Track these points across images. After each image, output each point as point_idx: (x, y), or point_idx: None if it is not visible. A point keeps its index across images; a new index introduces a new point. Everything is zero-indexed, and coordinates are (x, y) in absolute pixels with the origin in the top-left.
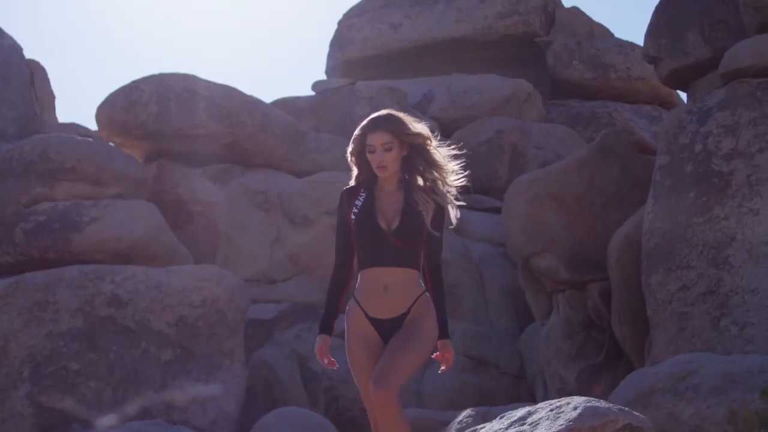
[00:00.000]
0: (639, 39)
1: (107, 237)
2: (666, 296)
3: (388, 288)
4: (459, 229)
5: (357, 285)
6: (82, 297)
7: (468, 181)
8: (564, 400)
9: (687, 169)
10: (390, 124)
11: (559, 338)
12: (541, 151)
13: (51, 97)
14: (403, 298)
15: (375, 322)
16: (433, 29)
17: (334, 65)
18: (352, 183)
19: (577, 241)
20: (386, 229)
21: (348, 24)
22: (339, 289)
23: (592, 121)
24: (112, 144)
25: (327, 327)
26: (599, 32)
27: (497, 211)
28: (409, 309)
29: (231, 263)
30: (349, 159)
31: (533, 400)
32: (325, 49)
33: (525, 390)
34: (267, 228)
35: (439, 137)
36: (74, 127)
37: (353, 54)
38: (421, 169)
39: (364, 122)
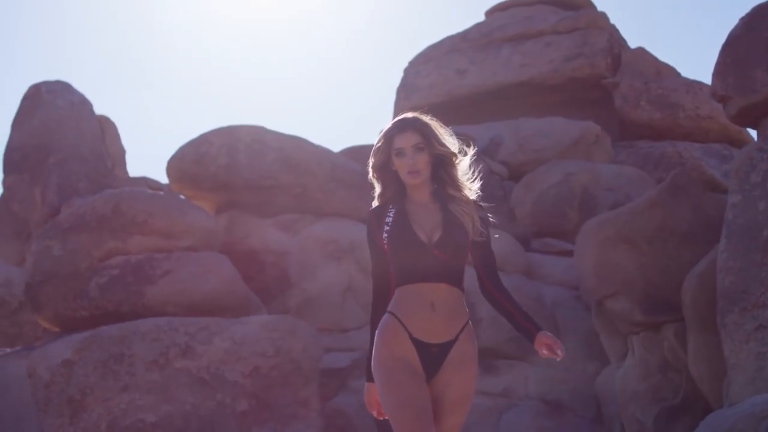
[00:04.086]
0: (706, 77)
1: (180, 289)
2: (742, 336)
3: (435, 306)
4: (531, 273)
5: (394, 301)
6: (157, 349)
7: (536, 225)
8: None
9: (760, 207)
10: (420, 124)
11: (636, 381)
12: (612, 193)
13: (122, 151)
14: (451, 321)
15: (421, 346)
16: (498, 74)
17: (400, 112)
18: (375, 203)
19: (650, 282)
20: (427, 241)
21: (414, 71)
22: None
23: (661, 161)
24: (182, 197)
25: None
26: (666, 72)
27: (569, 254)
28: (457, 336)
29: (303, 312)
30: (370, 175)
31: None
32: (392, 97)
33: None
34: (339, 277)
35: (466, 153)
36: (145, 181)
37: (419, 101)
38: (446, 181)
39: (387, 127)
